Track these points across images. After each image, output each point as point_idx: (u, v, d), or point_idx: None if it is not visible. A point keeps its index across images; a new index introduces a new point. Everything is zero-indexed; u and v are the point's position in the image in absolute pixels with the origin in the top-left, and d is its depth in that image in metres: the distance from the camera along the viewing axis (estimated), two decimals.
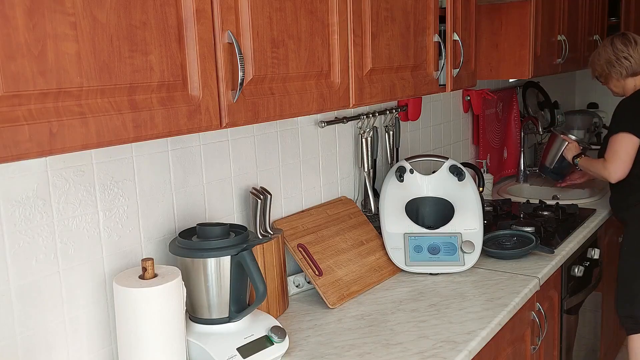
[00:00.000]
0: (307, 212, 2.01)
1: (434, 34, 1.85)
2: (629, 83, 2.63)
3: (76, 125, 0.93)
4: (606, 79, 2.69)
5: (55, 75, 0.89)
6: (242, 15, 1.19)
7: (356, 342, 1.60)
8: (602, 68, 2.67)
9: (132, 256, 1.49)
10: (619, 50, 2.60)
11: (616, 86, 2.68)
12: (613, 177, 2.50)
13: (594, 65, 2.72)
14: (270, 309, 1.73)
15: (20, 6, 0.84)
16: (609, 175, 2.51)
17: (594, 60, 2.72)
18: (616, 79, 2.64)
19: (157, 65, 1.04)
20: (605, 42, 2.68)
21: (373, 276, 1.99)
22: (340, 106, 1.50)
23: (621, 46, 2.60)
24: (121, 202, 1.45)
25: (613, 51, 2.60)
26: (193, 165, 1.64)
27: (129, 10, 0.99)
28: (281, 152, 1.92)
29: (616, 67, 2.61)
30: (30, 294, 1.29)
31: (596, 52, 2.70)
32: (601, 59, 2.66)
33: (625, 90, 2.66)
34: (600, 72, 2.70)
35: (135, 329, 1.30)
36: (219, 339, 1.45)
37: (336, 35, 1.43)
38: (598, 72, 2.71)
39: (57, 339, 1.34)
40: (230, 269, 1.46)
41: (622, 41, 2.61)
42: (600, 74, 2.71)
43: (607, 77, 2.68)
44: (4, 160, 0.85)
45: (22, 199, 1.26)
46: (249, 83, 1.22)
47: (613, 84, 2.67)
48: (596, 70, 2.72)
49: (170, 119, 1.08)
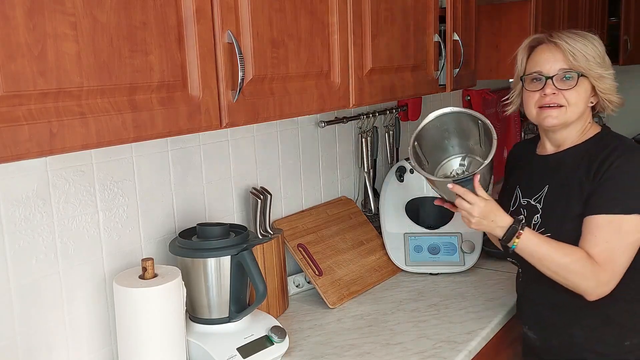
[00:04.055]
0: (307, 212, 2.01)
1: (434, 34, 1.84)
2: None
3: (76, 125, 0.93)
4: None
5: (55, 75, 0.89)
6: (242, 15, 1.19)
7: (356, 342, 1.60)
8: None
9: (132, 256, 1.49)
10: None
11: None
12: (601, 291, 1.41)
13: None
14: (270, 309, 1.73)
15: (20, 6, 0.84)
16: (597, 288, 1.40)
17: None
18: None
19: (157, 65, 1.04)
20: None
21: (373, 276, 1.99)
22: (340, 106, 1.50)
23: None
24: (121, 202, 1.45)
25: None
26: (193, 165, 1.64)
27: (129, 11, 0.99)
28: (281, 152, 1.92)
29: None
30: (30, 294, 1.29)
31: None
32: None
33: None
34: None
35: (135, 329, 1.30)
36: (219, 339, 1.45)
37: (336, 35, 1.43)
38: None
39: (57, 339, 1.34)
40: (230, 269, 1.46)
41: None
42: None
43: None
44: (4, 160, 0.85)
45: (22, 199, 1.26)
46: (249, 83, 1.22)
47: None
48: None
49: (170, 119, 1.08)
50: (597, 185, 1.43)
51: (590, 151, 1.50)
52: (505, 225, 1.43)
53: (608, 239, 1.39)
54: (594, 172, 1.45)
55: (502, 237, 1.44)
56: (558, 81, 1.49)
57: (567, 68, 1.48)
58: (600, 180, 1.43)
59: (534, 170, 1.61)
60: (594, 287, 1.40)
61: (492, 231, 1.46)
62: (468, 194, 1.43)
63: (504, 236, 1.44)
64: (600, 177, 1.43)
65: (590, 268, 1.39)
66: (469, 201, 1.43)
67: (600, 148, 1.49)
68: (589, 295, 1.42)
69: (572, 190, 1.48)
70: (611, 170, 1.42)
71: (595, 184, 1.43)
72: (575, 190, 1.47)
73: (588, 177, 1.45)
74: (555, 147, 1.59)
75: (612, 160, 1.43)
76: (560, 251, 1.42)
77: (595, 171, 1.44)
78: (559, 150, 1.57)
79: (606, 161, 1.44)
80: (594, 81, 1.50)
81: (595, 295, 1.41)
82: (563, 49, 1.48)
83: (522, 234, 1.42)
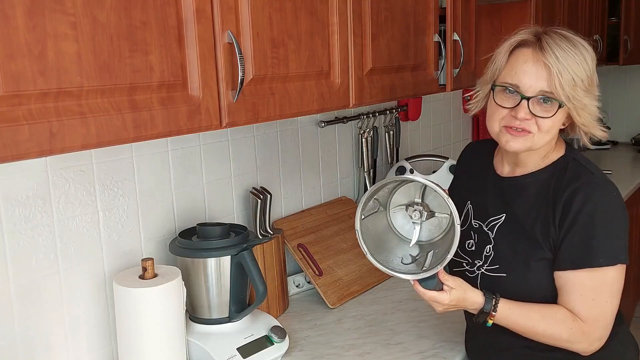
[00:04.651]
0: (307, 212, 2.01)
1: (434, 34, 1.84)
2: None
3: (76, 125, 0.93)
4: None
5: (56, 75, 0.89)
6: (242, 15, 1.19)
7: (356, 342, 1.60)
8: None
9: (132, 256, 1.49)
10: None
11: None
12: (595, 347, 1.29)
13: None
14: (270, 309, 1.73)
15: (20, 6, 0.84)
16: (590, 346, 1.28)
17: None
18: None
19: (157, 65, 1.04)
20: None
21: (373, 276, 1.99)
22: (340, 106, 1.50)
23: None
24: (121, 202, 1.45)
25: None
26: (193, 165, 1.64)
27: (129, 10, 0.99)
28: (281, 152, 1.92)
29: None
30: (30, 294, 1.29)
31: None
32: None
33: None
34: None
35: (135, 329, 1.30)
36: (219, 339, 1.45)
37: (336, 35, 1.43)
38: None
39: (57, 339, 1.34)
40: (230, 269, 1.46)
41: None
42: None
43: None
44: (4, 160, 0.85)
45: (22, 198, 1.26)
46: (249, 83, 1.22)
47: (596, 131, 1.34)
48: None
49: (170, 119, 1.07)
50: (567, 234, 1.25)
51: (553, 185, 1.30)
52: (477, 308, 1.28)
53: (594, 296, 1.24)
54: (559, 215, 1.26)
55: (474, 317, 1.30)
56: (535, 104, 1.25)
57: (549, 92, 1.24)
58: (571, 228, 1.24)
59: (489, 190, 1.40)
60: (588, 346, 1.27)
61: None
62: (429, 297, 1.27)
63: (476, 317, 1.30)
64: (570, 224, 1.25)
65: (580, 332, 1.25)
66: (433, 301, 1.28)
67: (564, 184, 1.28)
68: (583, 353, 1.29)
69: (532, 229, 1.30)
70: (582, 216, 1.24)
71: (564, 232, 1.25)
72: (537, 231, 1.29)
73: (553, 220, 1.27)
74: (512, 167, 1.38)
75: (580, 203, 1.24)
76: (543, 322, 1.26)
77: (561, 215, 1.26)
78: (516, 173, 1.36)
79: (573, 202, 1.25)
80: (574, 112, 1.26)
81: (590, 352, 1.28)
82: (550, 68, 1.22)
83: (495, 315, 1.27)
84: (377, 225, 1.32)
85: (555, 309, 1.27)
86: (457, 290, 1.26)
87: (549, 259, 1.28)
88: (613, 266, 1.24)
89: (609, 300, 1.26)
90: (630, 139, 4.18)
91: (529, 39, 1.28)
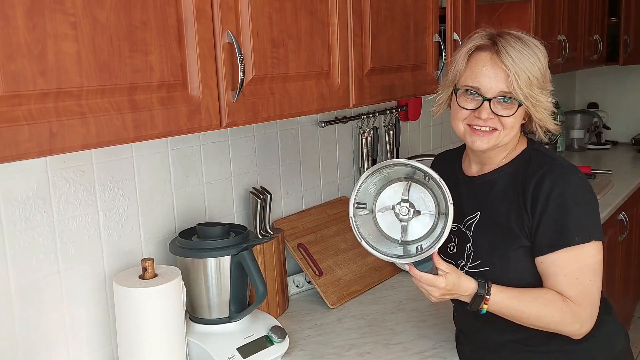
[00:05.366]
0: (307, 212, 2.01)
1: (434, 34, 1.84)
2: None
3: (76, 125, 0.93)
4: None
5: (55, 75, 0.89)
6: (242, 15, 1.19)
7: (356, 342, 1.60)
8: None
9: (132, 256, 1.49)
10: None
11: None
12: (586, 329, 1.31)
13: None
14: (270, 309, 1.73)
15: (20, 6, 0.84)
16: (582, 327, 1.30)
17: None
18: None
19: (157, 65, 1.04)
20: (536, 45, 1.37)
21: (373, 276, 1.99)
22: (340, 106, 1.50)
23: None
24: (121, 202, 1.45)
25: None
26: (193, 165, 1.64)
27: (129, 10, 0.99)
28: (281, 152, 1.92)
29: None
30: (30, 294, 1.29)
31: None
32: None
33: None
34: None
35: (135, 329, 1.30)
36: (219, 339, 1.45)
37: (336, 35, 1.43)
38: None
39: (57, 339, 1.34)
40: (230, 269, 1.46)
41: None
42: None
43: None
44: (4, 160, 0.85)
45: (22, 199, 1.26)
46: (249, 83, 1.22)
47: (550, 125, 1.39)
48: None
49: (170, 119, 1.08)
50: (541, 219, 1.29)
51: (520, 176, 1.35)
52: (470, 294, 1.29)
53: (577, 275, 1.27)
54: (530, 203, 1.30)
55: (469, 305, 1.30)
56: (496, 104, 1.30)
57: (508, 92, 1.29)
58: (544, 213, 1.29)
59: (461, 192, 1.43)
60: (579, 328, 1.29)
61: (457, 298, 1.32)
62: (426, 280, 1.27)
63: (470, 304, 1.30)
64: (542, 209, 1.29)
65: (570, 312, 1.27)
66: (429, 285, 1.27)
67: (530, 173, 1.33)
68: (576, 336, 1.31)
69: (507, 221, 1.33)
70: (552, 200, 1.28)
71: (537, 218, 1.29)
72: (512, 222, 1.32)
73: (525, 208, 1.31)
74: (479, 166, 1.42)
75: (548, 188, 1.29)
76: (534, 303, 1.28)
77: (531, 202, 1.30)
78: (484, 171, 1.41)
79: (541, 189, 1.29)
80: (532, 109, 1.32)
81: (581, 335, 1.30)
82: (507, 70, 1.27)
83: (489, 298, 1.28)
84: (366, 228, 1.33)
85: (545, 291, 1.30)
86: (451, 275, 1.28)
87: (527, 247, 1.32)
88: (588, 243, 1.28)
89: (592, 278, 1.29)
90: (630, 139, 4.18)
91: (485, 43, 1.32)
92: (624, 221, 2.98)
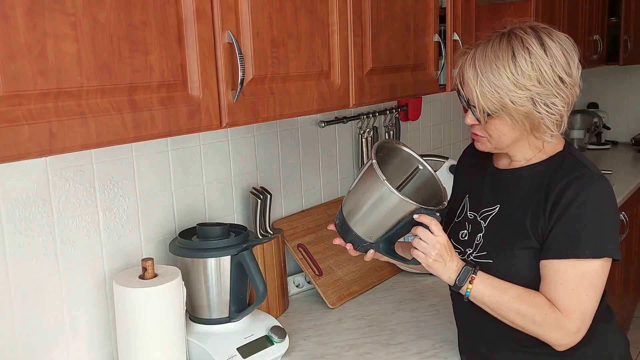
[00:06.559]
0: (307, 212, 2.01)
1: (434, 34, 1.84)
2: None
3: (76, 125, 0.93)
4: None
5: (55, 75, 0.89)
6: (242, 15, 1.19)
7: (356, 342, 1.60)
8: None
9: (132, 256, 1.49)
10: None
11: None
12: (570, 341, 1.26)
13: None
14: (270, 309, 1.73)
15: (20, 6, 0.84)
16: (564, 338, 1.26)
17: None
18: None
19: (157, 65, 1.04)
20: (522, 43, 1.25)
21: (373, 276, 1.99)
22: (340, 106, 1.50)
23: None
24: (121, 202, 1.45)
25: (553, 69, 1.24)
26: (193, 165, 1.64)
27: (129, 10, 0.99)
28: (281, 152, 1.92)
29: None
30: (31, 294, 1.29)
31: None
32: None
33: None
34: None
35: (135, 329, 1.30)
36: (219, 339, 1.45)
37: (336, 35, 1.43)
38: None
39: (57, 339, 1.34)
40: (230, 269, 1.46)
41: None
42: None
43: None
44: (4, 160, 0.85)
45: (22, 199, 1.26)
46: (249, 83, 1.22)
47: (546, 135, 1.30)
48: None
49: (170, 119, 1.08)
50: (556, 224, 1.25)
51: (549, 176, 1.30)
52: (458, 268, 1.28)
53: (575, 287, 1.23)
54: (550, 205, 1.27)
55: (454, 280, 1.28)
56: (468, 113, 1.30)
57: (474, 105, 1.27)
58: (560, 218, 1.25)
59: (485, 182, 1.42)
60: (561, 337, 1.25)
61: (442, 274, 1.29)
62: (436, 226, 1.26)
63: (456, 280, 1.28)
64: (560, 214, 1.25)
65: (554, 320, 1.24)
66: (434, 233, 1.26)
67: (559, 176, 1.29)
68: (557, 347, 1.27)
69: (522, 219, 1.31)
70: (572, 208, 1.24)
71: (553, 222, 1.26)
72: (527, 220, 1.30)
73: (544, 210, 1.28)
74: (508, 160, 1.38)
75: (572, 194, 1.24)
76: (518, 300, 1.26)
77: (552, 205, 1.26)
78: (513, 166, 1.37)
79: (566, 194, 1.25)
80: (516, 117, 1.25)
81: (564, 346, 1.26)
82: (469, 80, 1.26)
83: (475, 278, 1.28)
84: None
85: (535, 294, 1.27)
86: (447, 239, 1.28)
87: (535, 249, 1.29)
88: (599, 259, 1.24)
89: (589, 293, 1.25)
90: (630, 139, 4.18)
91: (466, 50, 1.31)
92: (624, 221, 2.98)
